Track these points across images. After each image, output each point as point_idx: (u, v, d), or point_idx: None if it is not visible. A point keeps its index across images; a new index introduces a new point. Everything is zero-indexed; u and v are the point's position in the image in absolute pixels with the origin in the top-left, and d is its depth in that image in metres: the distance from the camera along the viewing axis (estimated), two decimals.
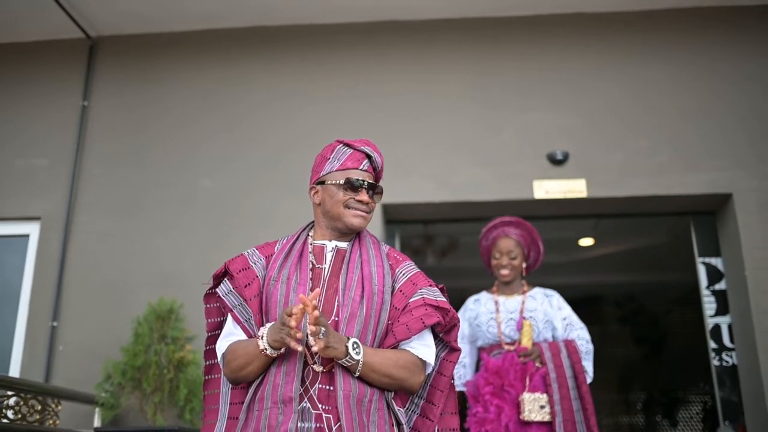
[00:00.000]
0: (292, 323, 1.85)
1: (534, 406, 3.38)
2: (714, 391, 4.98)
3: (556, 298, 3.74)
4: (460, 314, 3.81)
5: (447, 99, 5.19)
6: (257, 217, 4.95)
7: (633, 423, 9.99)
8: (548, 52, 5.25)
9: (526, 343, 3.56)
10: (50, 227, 5.06)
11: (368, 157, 2.21)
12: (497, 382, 3.46)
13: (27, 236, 5.13)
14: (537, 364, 3.52)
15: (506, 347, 3.62)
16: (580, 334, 3.65)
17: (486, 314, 3.72)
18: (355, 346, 1.95)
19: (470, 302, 3.87)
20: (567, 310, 3.73)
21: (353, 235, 2.21)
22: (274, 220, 4.88)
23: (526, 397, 3.40)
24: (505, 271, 3.74)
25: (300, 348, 1.87)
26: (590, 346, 3.63)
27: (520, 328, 3.62)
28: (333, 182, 2.17)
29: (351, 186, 2.15)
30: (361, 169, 2.18)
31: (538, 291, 3.78)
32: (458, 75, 5.25)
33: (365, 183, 2.16)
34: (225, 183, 5.09)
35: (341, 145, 2.22)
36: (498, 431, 3.37)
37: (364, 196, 2.15)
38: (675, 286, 8.04)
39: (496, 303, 3.75)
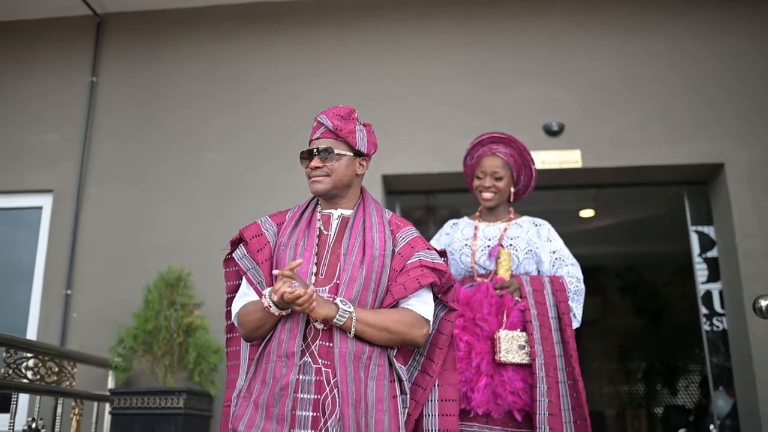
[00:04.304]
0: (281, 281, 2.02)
1: (512, 345, 2.81)
2: (705, 356, 5.10)
3: (547, 228, 3.15)
4: (435, 240, 3.31)
5: (445, 72, 5.25)
6: (260, 189, 5.05)
7: (633, 392, 10.07)
8: (542, 27, 5.29)
9: (503, 273, 2.99)
10: (62, 199, 5.18)
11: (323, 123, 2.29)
12: (468, 315, 2.90)
13: (40, 208, 5.24)
14: (516, 298, 2.95)
15: (479, 279, 3.05)
16: (570, 271, 3.05)
17: (460, 240, 3.16)
18: (342, 302, 2.07)
19: (447, 227, 3.33)
20: (557, 243, 3.12)
21: (356, 201, 2.32)
22: (276, 193, 4.98)
23: (503, 334, 2.82)
24: (487, 194, 3.14)
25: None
26: (581, 286, 3.04)
27: (492, 256, 3.06)
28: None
29: (304, 158, 2.29)
30: (316, 138, 2.28)
31: (526, 219, 3.19)
32: (455, 49, 5.31)
33: (314, 150, 2.25)
34: (230, 156, 5.20)
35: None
36: (468, 371, 2.82)
37: (314, 162, 2.25)
38: (673, 255, 8.09)
39: (476, 229, 3.18)
